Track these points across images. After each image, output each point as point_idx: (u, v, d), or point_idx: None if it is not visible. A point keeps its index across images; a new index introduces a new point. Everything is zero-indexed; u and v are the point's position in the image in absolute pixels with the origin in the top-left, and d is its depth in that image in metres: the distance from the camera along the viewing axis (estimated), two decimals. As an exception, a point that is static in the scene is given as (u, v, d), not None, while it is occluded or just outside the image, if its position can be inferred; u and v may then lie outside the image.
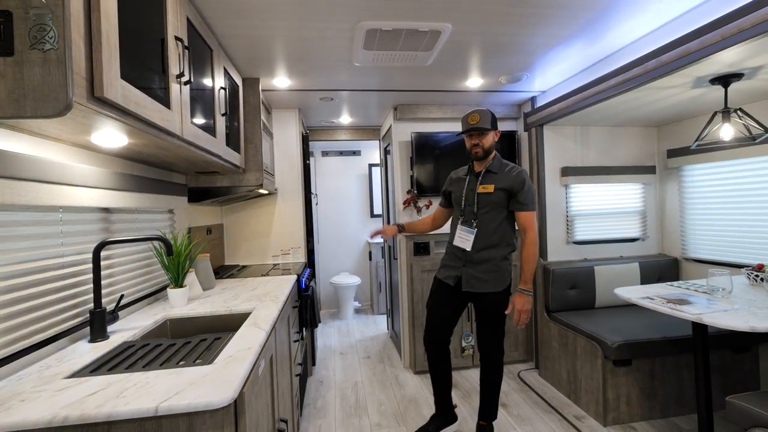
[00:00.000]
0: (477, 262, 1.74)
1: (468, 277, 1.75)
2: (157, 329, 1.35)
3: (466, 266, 1.76)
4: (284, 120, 2.85)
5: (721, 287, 1.66)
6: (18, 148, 0.95)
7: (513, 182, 1.70)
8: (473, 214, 1.75)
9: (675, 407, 2.03)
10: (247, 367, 0.91)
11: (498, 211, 1.73)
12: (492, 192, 1.71)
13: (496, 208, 1.73)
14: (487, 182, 1.74)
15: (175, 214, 1.91)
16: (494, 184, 1.72)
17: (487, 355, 1.80)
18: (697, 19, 1.53)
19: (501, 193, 1.71)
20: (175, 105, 1.17)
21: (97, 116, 0.83)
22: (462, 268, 1.77)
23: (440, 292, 1.84)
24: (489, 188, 1.72)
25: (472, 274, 1.75)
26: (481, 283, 1.74)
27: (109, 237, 1.35)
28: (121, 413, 0.72)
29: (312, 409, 2.29)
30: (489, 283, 1.73)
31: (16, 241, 0.96)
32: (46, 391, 0.81)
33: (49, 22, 0.69)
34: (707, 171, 2.38)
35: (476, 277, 1.74)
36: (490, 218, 1.73)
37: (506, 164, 1.78)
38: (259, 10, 1.46)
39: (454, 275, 1.79)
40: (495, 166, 1.77)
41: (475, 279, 1.74)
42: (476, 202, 1.74)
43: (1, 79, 0.69)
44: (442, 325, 1.83)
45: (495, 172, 1.75)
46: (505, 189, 1.70)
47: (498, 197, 1.71)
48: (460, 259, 1.78)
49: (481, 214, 1.74)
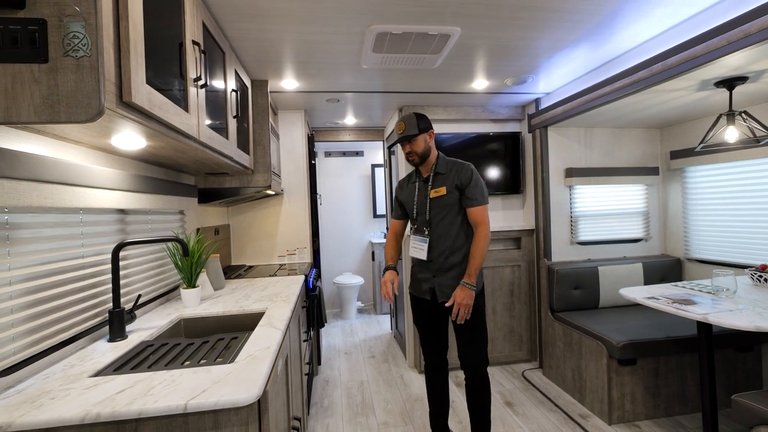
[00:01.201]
0: (446, 269, 1.64)
1: (441, 287, 1.65)
2: (171, 329, 1.37)
3: (436, 276, 1.66)
4: (290, 121, 2.87)
5: (725, 287, 1.68)
6: (42, 151, 0.97)
7: (462, 178, 1.62)
8: (426, 222, 1.66)
9: (679, 406, 2.06)
10: (269, 366, 0.93)
11: (454, 213, 1.64)
12: (445, 194, 1.63)
13: (451, 210, 1.64)
14: (438, 185, 1.66)
15: (185, 215, 1.93)
16: (445, 186, 1.64)
17: (472, 370, 1.67)
18: (702, 23, 1.55)
19: (454, 193, 1.63)
20: (193, 108, 1.19)
21: (123, 120, 0.85)
22: (433, 279, 1.67)
23: (420, 309, 1.75)
24: (441, 191, 1.64)
25: (444, 283, 1.65)
26: (454, 290, 1.62)
27: (125, 238, 1.37)
28: (151, 410, 0.75)
29: (319, 408, 2.31)
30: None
31: (41, 242, 0.98)
32: (74, 389, 0.83)
33: (82, 30, 0.71)
34: (711, 172, 2.40)
35: (449, 285, 1.64)
36: (448, 222, 1.64)
37: (452, 162, 1.69)
38: (273, 14, 1.48)
39: (428, 288, 1.68)
40: (441, 166, 1.68)
41: (448, 288, 1.64)
42: (429, 208, 1.66)
43: (36, 85, 0.71)
44: (436, 342, 1.76)
45: (443, 173, 1.66)
46: (457, 187, 1.62)
47: (452, 198, 1.63)
48: (429, 269, 1.68)
49: (436, 221, 1.65)
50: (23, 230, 0.92)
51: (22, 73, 0.70)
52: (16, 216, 0.90)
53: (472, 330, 1.65)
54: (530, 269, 2.84)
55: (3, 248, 0.86)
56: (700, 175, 2.47)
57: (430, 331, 1.75)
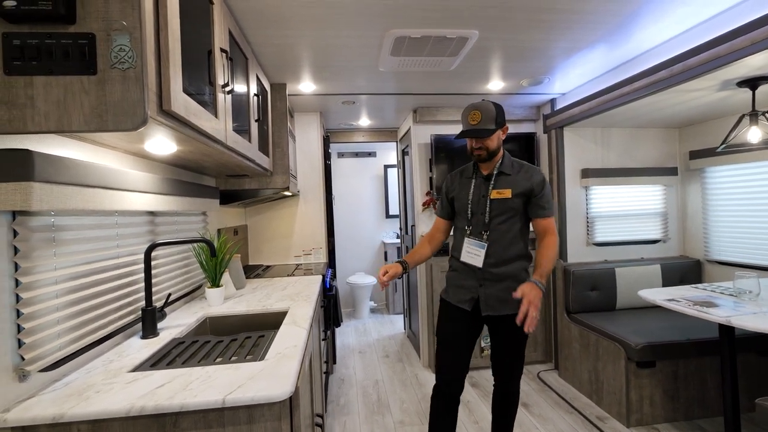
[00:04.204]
0: (496, 279, 1.46)
1: (487, 298, 1.47)
2: (198, 327, 1.41)
3: (483, 286, 1.47)
4: (306, 123, 2.91)
5: (748, 290, 1.66)
6: (81, 156, 1.02)
7: (533, 184, 1.46)
8: (484, 225, 1.48)
9: (699, 409, 2.03)
10: (298, 363, 0.96)
11: (515, 218, 1.48)
12: (510, 198, 1.46)
13: (514, 215, 1.48)
14: (502, 186, 1.48)
15: (207, 216, 1.98)
16: (511, 188, 1.47)
17: (508, 386, 1.54)
18: (724, 24, 1.53)
19: (519, 198, 1.46)
20: (221, 113, 1.23)
21: (161, 127, 0.89)
22: (479, 289, 1.47)
23: (456, 319, 1.52)
24: (505, 193, 1.47)
25: (492, 294, 1.46)
26: (503, 304, 1.45)
27: (154, 239, 1.42)
28: (192, 404, 0.78)
29: (336, 406, 2.35)
30: (512, 303, 1.43)
31: (81, 243, 1.03)
32: (117, 384, 0.87)
33: (128, 43, 0.75)
34: (732, 173, 2.36)
35: (497, 297, 1.46)
36: (506, 228, 1.47)
37: (519, 163, 1.53)
38: (295, 20, 1.52)
39: (470, 297, 1.49)
40: (507, 166, 1.51)
41: (496, 300, 1.46)
42: (488, 210, 1.48)
43: (86, 96, 0.75)
44: (459, 360, 1.51)
45: (508, 174, 1.49)
46: (524, 193, 1.46)
47: (516, 203, 1.46)
48: (476, 277, 1.48)
49: (495, 224, 1.47)
50: (66, 232, 0.97)
51: (73, 85, 0.75)
52: (61, 219, 0.95)
53: (519, 351, 1.50)
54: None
55: (50, 249, 0.91)
56: (721, 175, 2.43)
57: (457, 346, 1.51)
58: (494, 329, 1.52)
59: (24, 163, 0.77)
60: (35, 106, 0.74)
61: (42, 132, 0.74)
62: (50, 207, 0.82)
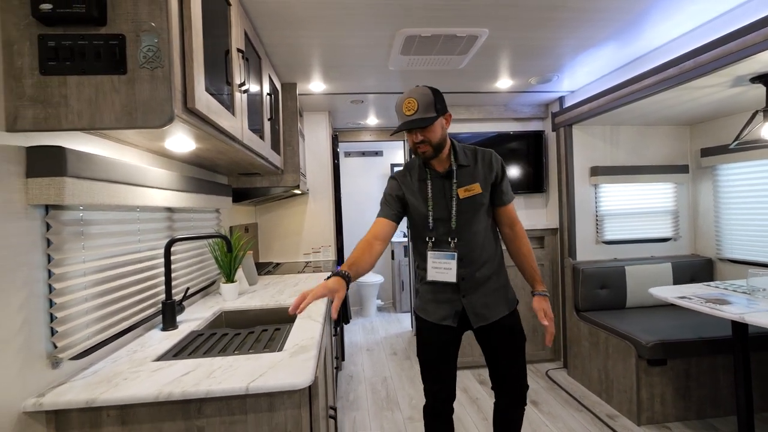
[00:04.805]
0: (479, 284, 1.30)
1: (474, 308, 1.29)
2: (215, 320, 1.45)
3: (466, 296, 1.29)
4: (315, 122, 2.94)
5: (762, 287, 1.65)
6: (105, 153, 1.06)
7: (497, 169, 1.30)
8: (451, 232, 1.27)
9: (711, 408, 2.02)
10: (316, 354, 0.99)
11: (483, 214, 1.30)
12: (480, 192, 1.27)
13: (482, 210, 1.29)
14: (468, 181, 1.28)
15: (220, 213, 2.02)
16: (478, 182, 1.27)
17: (518, 391, 1.35)
18: (735, 20, 1.53)
19: (488, 191, 1.29)
20: (238, 112, 1.26)
21: (184, 125, 0.92)
22: (461, 300, 1.29)
23: (440, 341, 1.33)
24: (474, 188, 1.27)
25: (478, 302, 1.30)
26: (492, 309, 1.30)
27: (172, 234, 1.46)
28: (218, 391, 0.81)
29: (345, 402, 2.38)
30: (501, 306, 1.32)
31: (106, 237, 1.06)
32: (143, 372, 0.91)
33: (156, 44, 0.78)
34: (745, 170, 2.34)
35: (484, 304, 1.30)
36: (477, 228, 1.29)
37: (472, 149, 1.34)
38: (308, 21, 1.54)
39: (454, 312, 1.30)
40: (462, 157, 1.29)
41: (483, 307, 1.30)
42: (455, 213, 1.27)
43: (117, 94, 0.78)
44: (448, 377, 1.35)
45: (466, 165, 1.29)
46: (492, 183, 1.30)
47: (486, 197, 1.29)
48: (455, 289, 1.29)
49: (464, 227, 1.27)
50: (93, 226, 1.01)
51: (104, 84, 0.78)
52: (89, 213, 0.99)
53: (521, 352, 1.35)
54: (554, 268, 2.82)
55: (78, 242, 0.95)
56: (734, 172, 2.41)
57: (445, 366, 1.35)
58: (485, 338, 1.33)
59: (57, 160, 0.81)
60: (69, 104, 0.77)
61: (76, 129, 0.78)
62: (80, 201, 0.86)
